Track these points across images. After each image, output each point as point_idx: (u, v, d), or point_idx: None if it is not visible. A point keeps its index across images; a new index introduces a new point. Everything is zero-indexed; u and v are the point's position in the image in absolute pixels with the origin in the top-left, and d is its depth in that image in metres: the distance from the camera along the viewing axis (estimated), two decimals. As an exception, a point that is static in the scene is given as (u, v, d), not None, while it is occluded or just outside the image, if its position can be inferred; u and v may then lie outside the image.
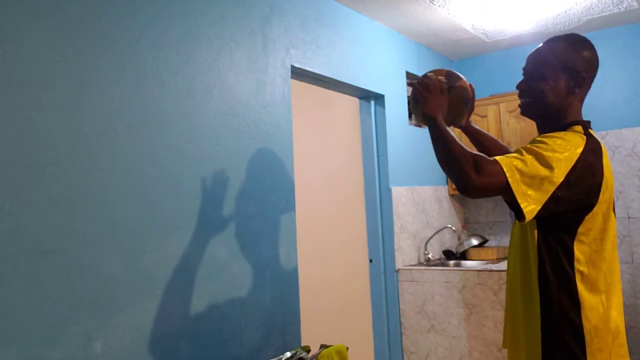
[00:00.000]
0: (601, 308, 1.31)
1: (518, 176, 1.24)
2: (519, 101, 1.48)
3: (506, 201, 1.29)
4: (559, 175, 1.24)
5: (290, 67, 2.55)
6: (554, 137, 1.30)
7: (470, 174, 1.25)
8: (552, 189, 1.24)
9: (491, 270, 3.06)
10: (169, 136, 1.93)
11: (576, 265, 1.30)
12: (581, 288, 1.30)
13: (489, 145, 1.75)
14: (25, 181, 1.51)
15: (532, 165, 1.25)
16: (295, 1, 2.63)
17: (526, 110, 1.47)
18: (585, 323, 1.29)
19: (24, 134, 1.52)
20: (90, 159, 1.68)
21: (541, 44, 1.45)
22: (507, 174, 1.24)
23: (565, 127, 1.37)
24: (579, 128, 1.36)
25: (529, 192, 1.24)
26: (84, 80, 1.69)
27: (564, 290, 1.31)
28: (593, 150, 1.31)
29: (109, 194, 1.72)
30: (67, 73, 1.64)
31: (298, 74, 2.68)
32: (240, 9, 2.30)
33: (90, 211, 1.66)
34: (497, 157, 1.28)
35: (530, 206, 1.24)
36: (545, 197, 1.24)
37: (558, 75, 1.39)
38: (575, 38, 1.42)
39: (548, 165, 1.24)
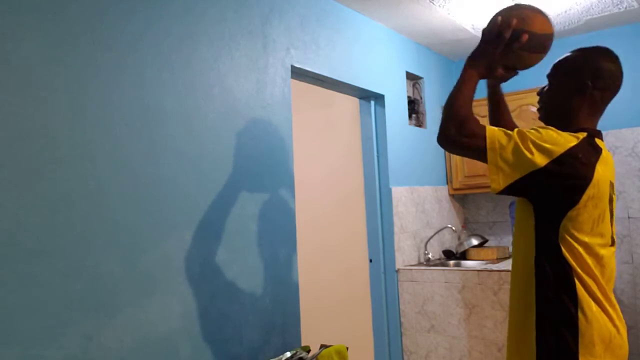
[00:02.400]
0: (594, 308, 1.31)
1: (497, 148, 1.30)
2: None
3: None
4: (540, 160, 1.28)
5: (290, 67, 2.55)
6: (549, 129, 1.34)
7: (452, 128, 1.34)
8: (528, 170, 1.29)
9: (491, 270, 3.06)
10: (169, 136, 1.93)
11: (569, 261, 1.32)
12: (578, 284, 1.31)
13: (505, 119, 1.72)
14: (25, 181, 1.51)
15: (516, 143, 1.30)
16: (295, 1, 2.63)
17: (539, 115, 1.51)
18: (580, 315, 1.30)
19: (24, 134, 1.52)
20: (90, 158, 1.68)
21: None
22: (487, 142, 1.30)
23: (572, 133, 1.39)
24: (583, 134, 1.36)
25: (504, 166, 1.30)
26: (84, 80, 1.69)
27: (562, 282, 1.32)
28: (585, 150, 1.32)
29: (109, 194, 1.72)
30: (67, 73, 1.64)
31: (298, 74, 2.68)
32: (240, 9, 2.30)
33: (90, 211, 1.66)
34: (488, 126, 1.34)
35: (500, 179, 1.30)
36: (517, 175, 1.29)
37: (560, 82, 1.44)
38: (592, 48, 1.45)
39: (530, 149, 1.28)
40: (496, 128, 1.34)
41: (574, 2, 3.13)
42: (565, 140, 1.31)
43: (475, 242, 3.75)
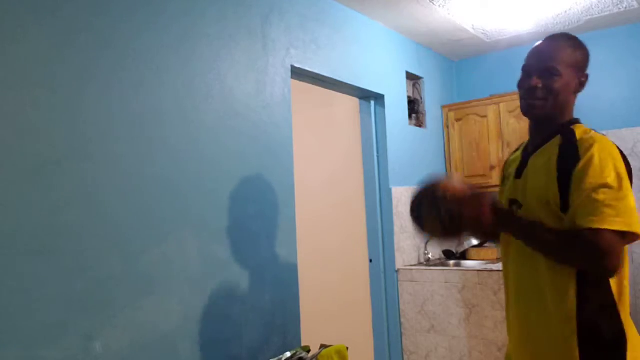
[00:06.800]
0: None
1: (615, 216, 1.21)
2: (527, 101, 1.43)
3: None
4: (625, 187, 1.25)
5: (290, 67, 2.55)
6: (600, 159, 1.27)
7: (598, 262, 1.23)
8: (630, 200, 1.25)
9: (491, 270, 3.06)
10: (168, 136, 1.93)
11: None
12: (615, 288, 1.30)
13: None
14: (25, 181, 1.51)
15: (611, 196, 1.23)
16: (295, 1, 2.63)
17: (539, 109, 1.42)
18: (626, 325, 1.28)
19: (24, 134, 1.52)
20: (89, 159, 1.68)
21: (543, 42, 1.45)
22: (611, 226, 1.20)
23: (565, 125, 1.40)
24: (583, 125, 1.38)
25: (623, 218, 1.22)
26: (84, 80, 1.69)
27: (605, 286, 1.29)
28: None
29: (109, 194, 1.72)
30: (66, 73, 1.64)
31: (298, 74, 2.68)
32: (240, 8, 2.30)
33: (89, 211, 1.66)
34: (587, 222, 1.22)
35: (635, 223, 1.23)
36: (631, 206, 1.24)
37: (569, 73, 1.40)
38: (576, 37, 1.45)
39: (614, 186, 1.24)
40: (591, 216, 1.23)
41: (574, 2, 3.13)
42: (615, 154, 1.29)
43: (475, 242, 3.74)
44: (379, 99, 3.37)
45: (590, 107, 3.65)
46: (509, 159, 1.63)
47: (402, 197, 3.42)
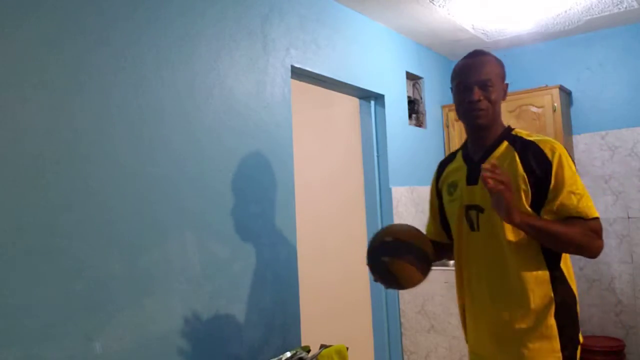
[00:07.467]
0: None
1: (591, 205, 1.46)
2: (471, 113, 1.55)
3: None
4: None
5: (290, 67, 2.55)
6: (566, 160, 1.47)
7: (599, 245, 1.46)
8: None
9: (491, 270, 3.06)
10: (168, 136, 1.93)
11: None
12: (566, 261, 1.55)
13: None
14: (25, 181, 1.51)
15: (581, 189, 1.47)
16: (295, 1, 2.63)
17: (483, 118, 1.55)
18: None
19: (24, 134, 1.52)
20: (89, 158, 1.68)
21: (471, 59, 1.57)
22: (594, 215, 1.46)
23: (506, 131, 1.57)
24: (520, 129, 1.58)
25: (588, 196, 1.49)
26: (83, 80, 1.69)
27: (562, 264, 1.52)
28: None
29: (109, 194, 1.72)
30: (66, 73, 1.64)
31: (298, 74, 2.68)
32: (240, 8, 2.30)
33: (89, 211, 1.66)
34: (583, 213, 1.44)
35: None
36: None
37: (499, 84, 1.56)
38: (491, 53, 1.63)
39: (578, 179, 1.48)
40: (579, 206, 1.45)
41: (574, 2, 3.13)
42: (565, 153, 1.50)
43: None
44: (379, 99, 3.37)
45: (590, 107, 3.65)
46: (447, 169, 1.74)
47: (402, 197, 3.42)
